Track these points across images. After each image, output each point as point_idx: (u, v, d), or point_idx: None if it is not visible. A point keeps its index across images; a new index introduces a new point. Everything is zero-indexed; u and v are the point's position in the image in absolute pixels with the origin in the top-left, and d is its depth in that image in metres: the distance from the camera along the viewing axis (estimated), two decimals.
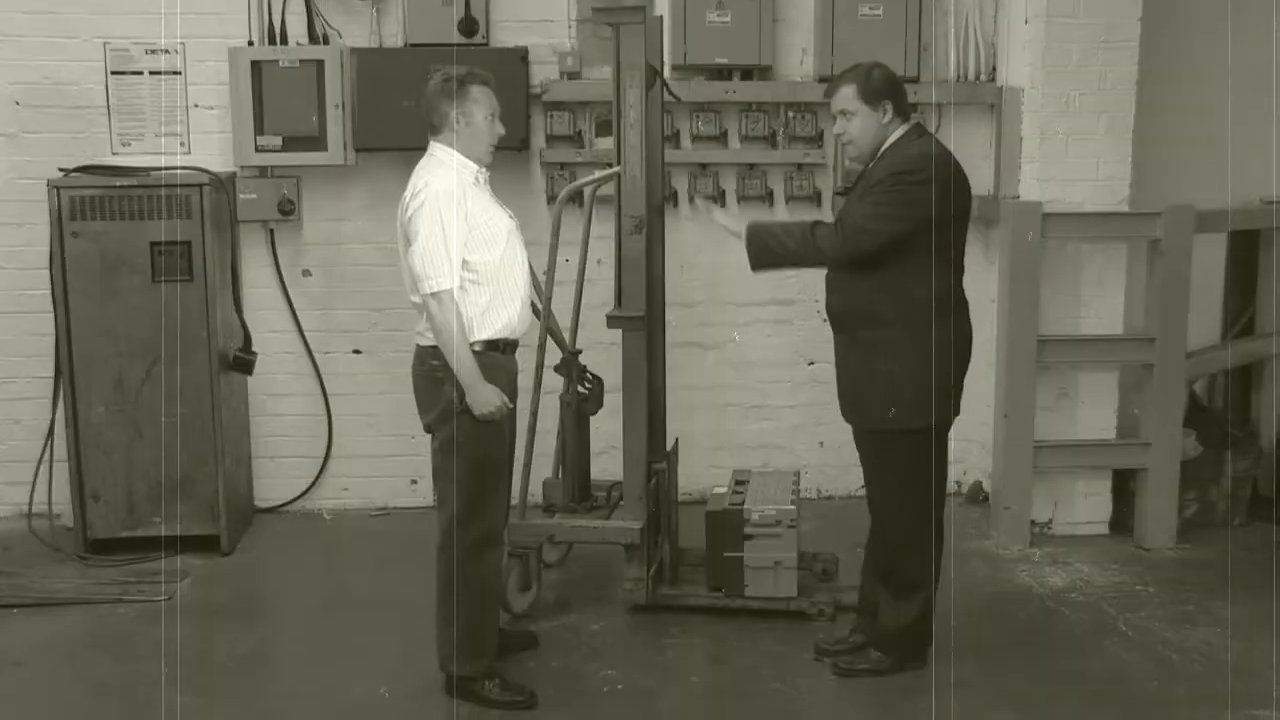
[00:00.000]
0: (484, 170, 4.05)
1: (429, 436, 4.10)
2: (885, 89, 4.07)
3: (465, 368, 3.86)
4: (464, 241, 3.87)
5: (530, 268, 4.20)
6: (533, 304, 4.28)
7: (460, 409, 3.91)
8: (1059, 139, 5.43)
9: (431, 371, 3.96)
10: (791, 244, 4.12)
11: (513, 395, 4.04)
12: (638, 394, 4.62)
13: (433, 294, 3.83)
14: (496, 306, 3.97)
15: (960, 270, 4.16)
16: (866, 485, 4.35)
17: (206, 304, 5.28)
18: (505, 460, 4.13)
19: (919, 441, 4.11)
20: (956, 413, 4.24)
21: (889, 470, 4.20)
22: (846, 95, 4.08)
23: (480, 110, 3.99)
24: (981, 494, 6.07)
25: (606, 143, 5.46)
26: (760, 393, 6.09)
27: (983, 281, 5.82)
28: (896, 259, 3.99)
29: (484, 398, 3.90)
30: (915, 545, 4.19)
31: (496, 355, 3.99)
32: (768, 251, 4.15)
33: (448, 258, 3.83)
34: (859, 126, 4.08)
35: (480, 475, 4.01)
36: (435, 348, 3.93)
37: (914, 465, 4.12)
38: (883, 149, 4.09)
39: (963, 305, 4.18)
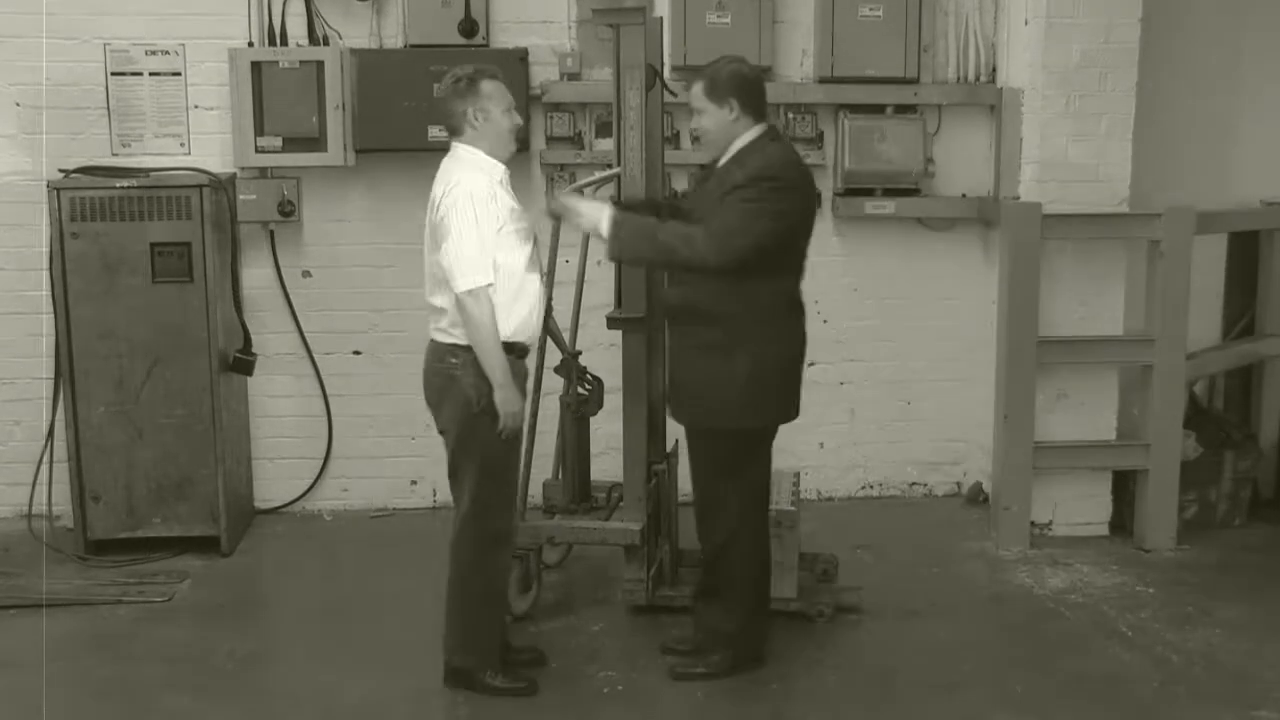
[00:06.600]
0: (506, 172, 4.04)
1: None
2: (731, 86, 4.01)
3: (498, 367, 3.87)
4: (495, 241, 3.87)
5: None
6: None
7: (476, 410, 3.91)
8: (1059, 140, 5.43)
9: (449, 369, 3.95)
10: (667, 238, 3.96)
11: (524, 397, 4.05)
12: (638, 395, 4.61)
13: (469, 291, 3.81)
14: (516, 308, 3.95)
15: (802, 274, 4.15)
16: (693, 485, 4.29)
17: (206, 305, 5.28)
18: (517, 462, 4.15)
19: (749, 441, 4.15)
20: (795, 415, 4.25)
21: (716, 469, 4.18)
22: (695, 93, 4.07)
23: (495, 104, 3.99)
24: (981, 495, 6.07)
25: (606, 144, 5.47)
26: None
27: (983, 282, 5.82)
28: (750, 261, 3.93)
29: (513, 399, 3.92)
30: (738, 547, 4.21)
31: (510, 358, 3.96)
32: (641, 240, 3.99)
33: (483, 254, 3.82)
34: (707, 123, 4.05)
35: (492, 475, 4.02)
36: (454, 345, 3.93)
37: (742, 466, 4.16)
38: (735, 149, 4.05)
39: (801, 309, 4.18)
